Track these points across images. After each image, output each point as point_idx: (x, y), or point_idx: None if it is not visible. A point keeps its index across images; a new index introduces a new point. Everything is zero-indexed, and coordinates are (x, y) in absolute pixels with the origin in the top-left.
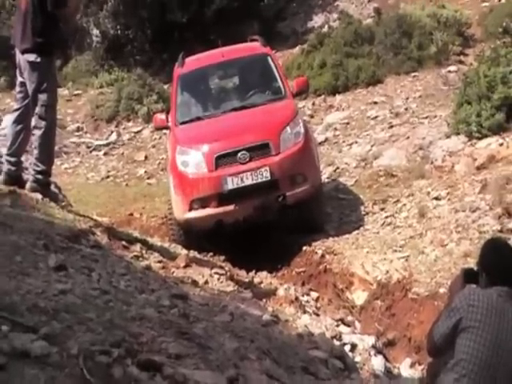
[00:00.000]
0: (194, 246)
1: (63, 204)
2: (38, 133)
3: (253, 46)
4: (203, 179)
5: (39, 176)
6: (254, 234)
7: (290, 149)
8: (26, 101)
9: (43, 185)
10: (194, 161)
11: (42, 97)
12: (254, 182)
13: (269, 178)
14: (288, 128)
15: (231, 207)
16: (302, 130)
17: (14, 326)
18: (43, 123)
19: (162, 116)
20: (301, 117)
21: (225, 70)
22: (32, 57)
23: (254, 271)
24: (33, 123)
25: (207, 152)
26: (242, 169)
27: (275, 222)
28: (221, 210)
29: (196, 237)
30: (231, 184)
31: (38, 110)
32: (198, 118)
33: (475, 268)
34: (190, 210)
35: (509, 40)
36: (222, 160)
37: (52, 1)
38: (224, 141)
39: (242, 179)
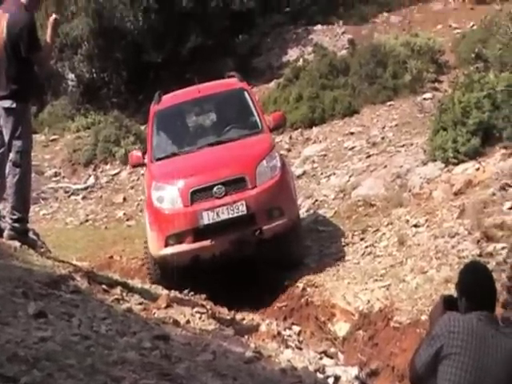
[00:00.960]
0: (171, 283)
1: (42, 250)
2: (12, 180)
3: (229, 82)
4: (179, 214)
5: (16, 224)
6: (233, 269)
7: (267, 182)
8: (2, 149)
9: (21, 232)
10: (169, 196)
11: (17, 143)
12: (230, 216)
13: (245, 211)
14: (264, 162)
15: (207, 242)
16: (279, 164)
17: None
18: (18, 170)
19: (138, 153)
20: (277, 150)
21: (201, 106)
22: (7, 103)
23: (235, 309)
24: (7, 170)
25: (182, 187)
26: (218, 203)
27: (253, 256)
28: (197, 245)
29: (172, 274)
30: (207, 219)
31: (12, 156)
32: (174, 154)
33: (455, 294)
34: (166, 245)
35: (481, 65)
36: (197, 195)
37: (26, 46)
38: (199, 175)
39: (217, 214)
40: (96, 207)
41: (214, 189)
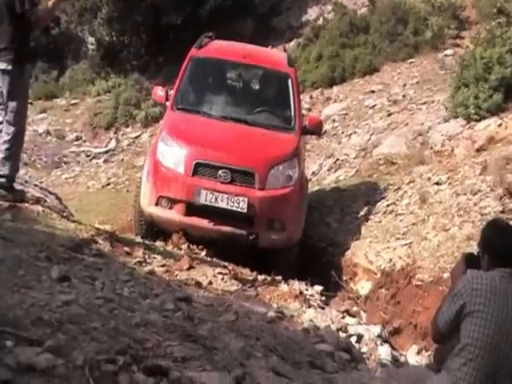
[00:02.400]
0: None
1: (64, 214)
2: (5, 137)
3: (278, 59)
4: (177, 180)
5: (1, 179)
6: None
7: (276, 190)
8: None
9: (5, 188)
10: (173, 155)
11: (12, 104)
12: (229, 207)
13: (245, 210)
14: (281, 166)
15: (198, 222)
16: (296, 175)
17: (19, 341)
18: (12, 129)
19: (162, 92)
20: (301, 159)
21: (241, 74)
22: (3, 65)
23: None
24: (2, 128)
25: (188, 153)
26: (220, 188)
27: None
28: (187, 219)
29: (158, 233)
30: (204, 198)
31: (7, 116)
32: (196, 111)
33: (476, 252)
34: (156, 204)
35: (504, 20)
36: (201, 169)
37: (20, 1)
38: (209, 150)
39: (216, 199)
40: (117, 170)
41: (220, 171)
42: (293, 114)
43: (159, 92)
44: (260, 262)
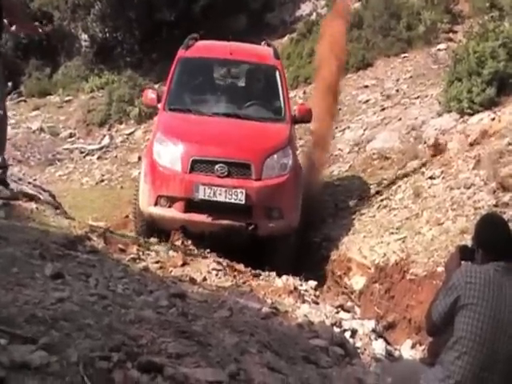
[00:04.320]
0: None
1: (58, 211)
2: None
3: (264, 53)
4: (175, 178)
5: None
6: None
7: (273, 179)
8: None
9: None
10: (169, 155)
11: None
12: (227, 200)
13: (243, 201)
14: (275, 156)
15: (198, 218)
16: (290, 163)
17: (13, 339)
18: None
19: (153, 95)
20: (294, 148)
21: (229, 70)
22: None
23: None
24: None
25: (185, 151)
26: (217, 182)
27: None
28: (186, 216)
29: (159, 233)
30: (202, 193)
31: None
32: (188, 110)
33: (470, 245)
34: (156, 204)
35: (496, 14)
36: (198, 165)
37: None
38: (205, 146)
39: (214, 193)
40: (111, 167)
41: (217, 166)
42: (282, 104)
43: (150, 95)
44: (258, 256)
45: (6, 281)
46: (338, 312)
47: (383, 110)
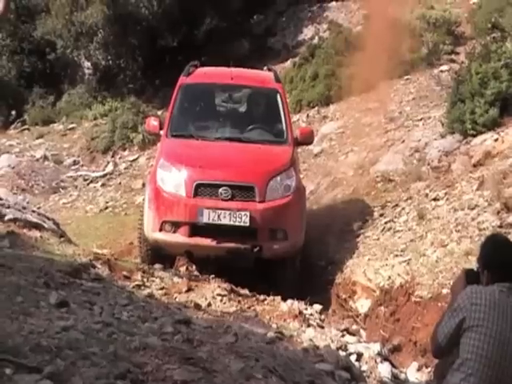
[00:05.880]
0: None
1: (62, 239)
2: None
3: (265, 77)
4: (179, 203)
5: None
6: None
7: (276, 200)
8: None
9: None
10: (173, 180)
11: None
12: (232, 223)
13: (247, 224)
14: (278, 178)
15: (203, 242)
16: (294, 184)
17: (18, 368)
18: None
19: (155, 122)
20: (296, 169)
21: (230, 95)
22: None
23: (255, 290)
24: None
25: (188, 176)
26: (221, 205)
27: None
28: (192, 240)
29: (165, 259)
30: (207, 217)
31: None
32: (191, 136)
33: (475, 268)
34: (161, 230)
35: (498, 35)
36: (201, 189)
37: None
38: (208, 170)
39: (219, 216)
40: (115, 194)
41: (220, 189)
42: (284, 126)
43: (152, 122)
44: (262, 279)
45: (11, 310)
46: (343, 335)
47: (386, 132)
